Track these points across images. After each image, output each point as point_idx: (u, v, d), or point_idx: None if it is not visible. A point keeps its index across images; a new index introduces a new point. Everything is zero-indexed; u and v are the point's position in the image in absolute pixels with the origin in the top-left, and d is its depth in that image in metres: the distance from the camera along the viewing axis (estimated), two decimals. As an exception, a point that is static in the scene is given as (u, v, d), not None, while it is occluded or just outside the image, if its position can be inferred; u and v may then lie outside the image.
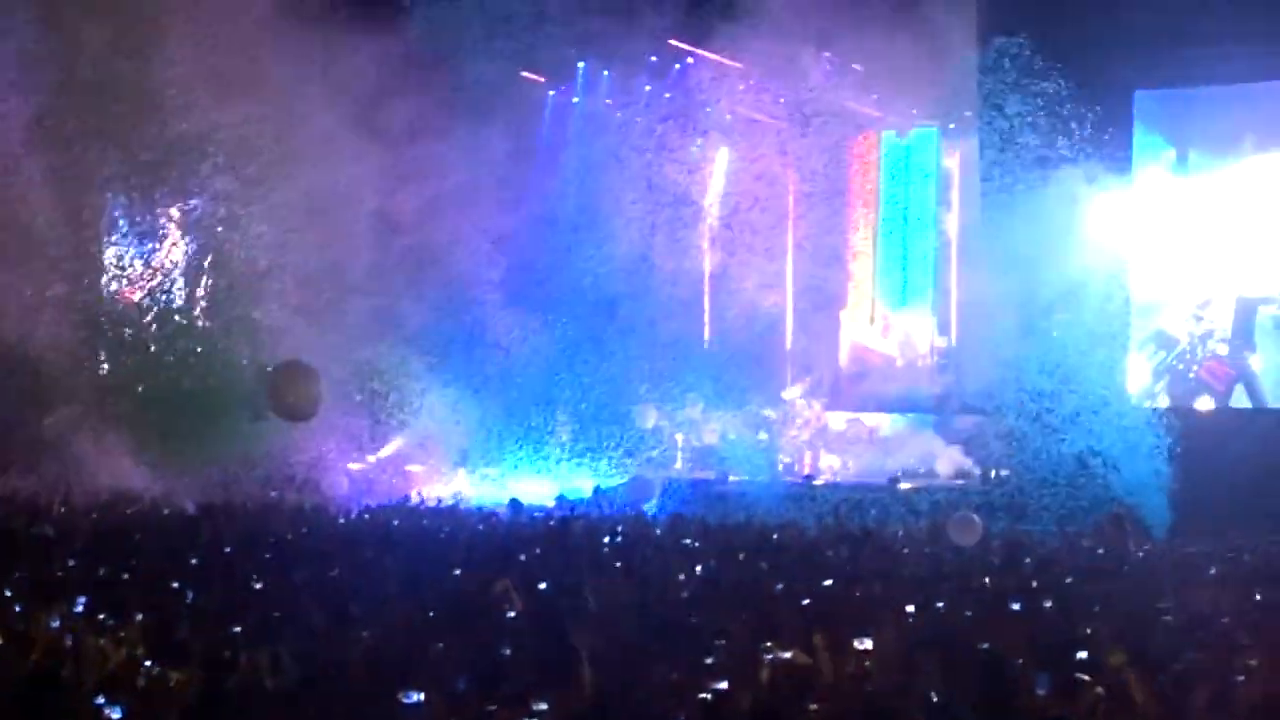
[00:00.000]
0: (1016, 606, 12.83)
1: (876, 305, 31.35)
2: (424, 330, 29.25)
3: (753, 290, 29.78)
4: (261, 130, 27.26)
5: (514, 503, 24.71)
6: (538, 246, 29.80)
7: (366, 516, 22.79)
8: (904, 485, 27.54)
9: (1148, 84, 26.00)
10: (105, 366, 28.75)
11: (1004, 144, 26.41)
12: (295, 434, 28.54)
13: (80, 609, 12.09)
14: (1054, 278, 25.64)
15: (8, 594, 12.74)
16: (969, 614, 12.69)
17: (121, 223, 28.17)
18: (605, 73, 30.82)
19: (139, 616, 11.76)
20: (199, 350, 28.21)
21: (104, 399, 28.00)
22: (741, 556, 16.78)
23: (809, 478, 28.65)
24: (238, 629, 11.22)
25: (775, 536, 19.25)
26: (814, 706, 9.48)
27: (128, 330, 28.32)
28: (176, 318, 28.41)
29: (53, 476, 24.16)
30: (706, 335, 31.28)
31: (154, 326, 28.42)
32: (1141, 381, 26.26)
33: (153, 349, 28.64)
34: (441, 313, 29.74)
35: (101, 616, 11.86)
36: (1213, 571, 16.47)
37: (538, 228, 29.76)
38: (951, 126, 30.49)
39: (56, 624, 11.40)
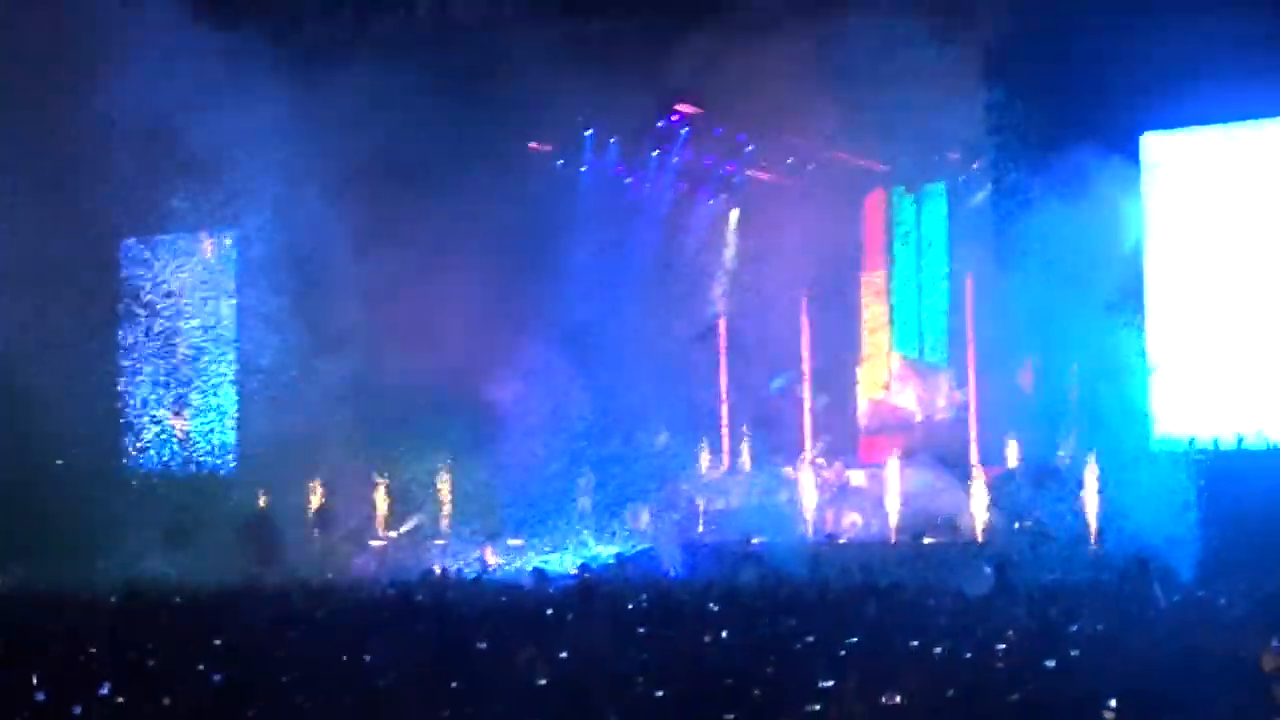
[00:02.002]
0: (1050, 663, 12.73)
1: (893, 360, 31.32)
2: (442, 404, 29.31)
3: (768, 349, 29.80)
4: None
5: (537, 572, 24.64)
6: (550, 315, 29.79)
7: (390, 592, 22.73)
8: (927, 540, 27.41)
9: (1156, 125, 25.96)
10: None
11: (1014, 193, 26.45)
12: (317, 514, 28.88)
13: (105, 693, 12.05)
14: (1070, 326, 25.58)
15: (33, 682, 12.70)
16: (999, 665, 12.62)
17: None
18: (612, 140, 30.87)
19: (165, 701, 11.73)
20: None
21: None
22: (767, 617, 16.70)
23: (832, 536, 28.51)
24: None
25: (800, 595, 19.17)
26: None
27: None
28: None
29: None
30: (724, 397, 31.19)
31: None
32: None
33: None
34: (457, 386, 29.81)
35: (124, 701, 11.83)
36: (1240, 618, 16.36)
37: (549, 299, 29.76)
38: (962, 179, 30.52)
39: (79, 711, 11.37)
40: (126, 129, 27.47)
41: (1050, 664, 12.70)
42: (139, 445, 31.13)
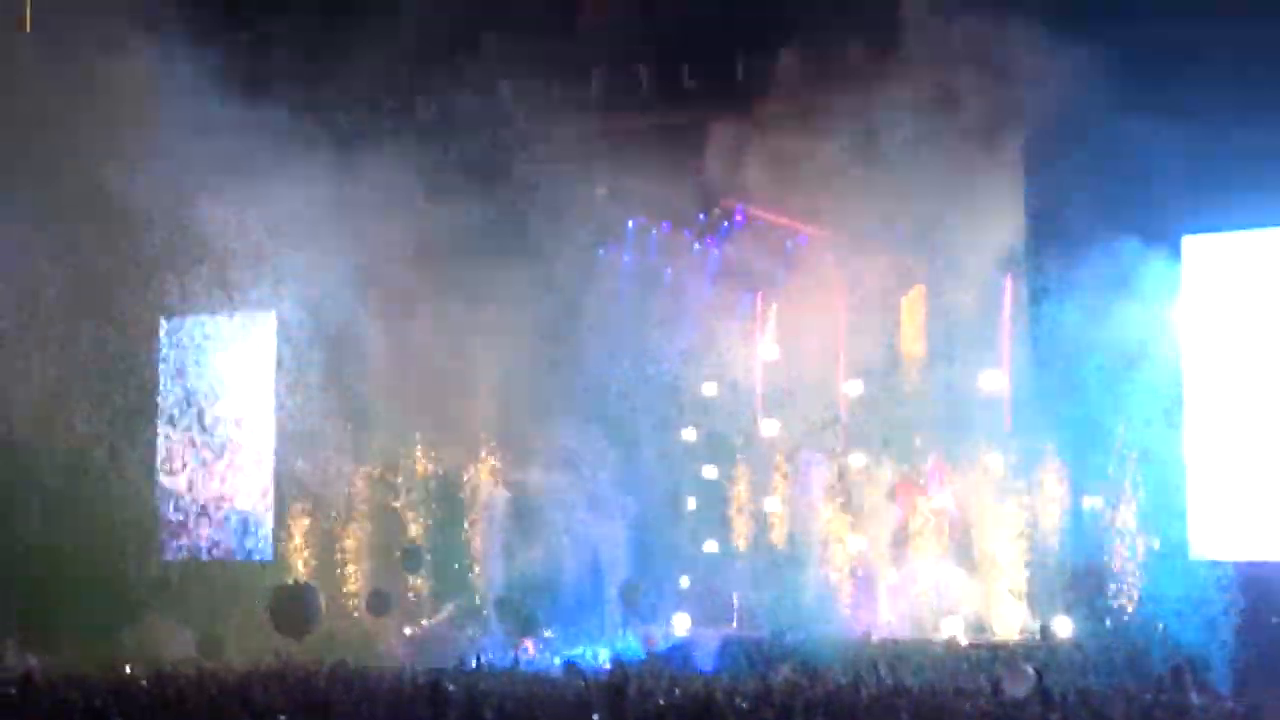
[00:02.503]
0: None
1: (932, 458, 31.15)
2: (478, 491, 29.41)
3: (808, 444, 29.76)
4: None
5: (569, 664, 24.55)
6: (585, 404, 29.81)
7: (422, 679, 22.65)
8: (963, 640, 27.24)
9: (1194, 229, 25.91)
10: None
11: (1053, 294, 26.46)
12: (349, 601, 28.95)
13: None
14: (1108, 430, 25.53)
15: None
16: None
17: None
18: (654, 231, 30.98)
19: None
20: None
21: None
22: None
23: (865, 633, 28.31)
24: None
25: (834, 694, 19.03)
26: None
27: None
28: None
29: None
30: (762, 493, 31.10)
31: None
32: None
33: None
34: (494, 474, 29.91)
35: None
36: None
37: (585, 388, 29.79)
38: (1002, 280, 30.46)
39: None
40: (169, 213, 27.84)
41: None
42: (176, 530, 31.26)
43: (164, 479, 31.36)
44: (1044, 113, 25.75)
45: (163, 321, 31.31)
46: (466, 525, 29.76)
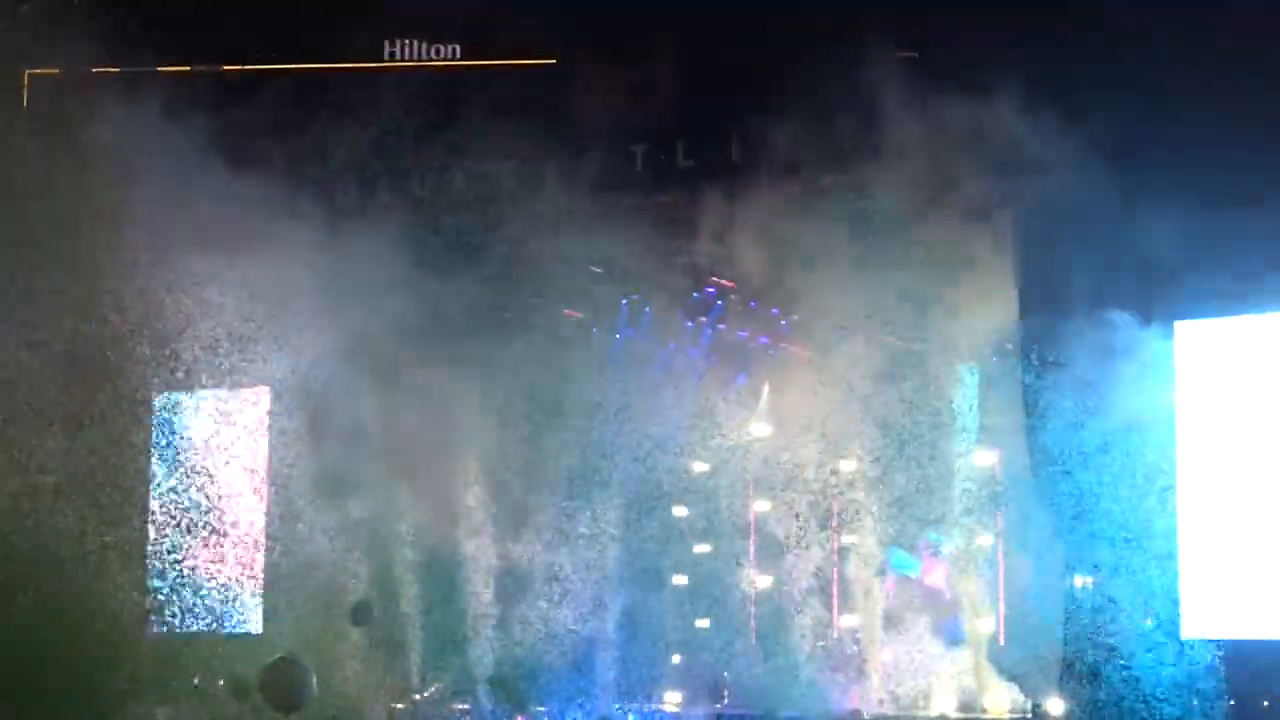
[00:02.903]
0: None
1: (922, 538, 31.29)
2: (470, 565, 29.38)
3: (798, 524, 29.87)
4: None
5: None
6: (577, 480, 29.85)
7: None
8: (954, 718, 27.29)
9: (1190, 314, 26.12)
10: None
11: (1044, 380, 26.61)
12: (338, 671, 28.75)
13: None
14: (1101, 515, 25.67)
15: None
16: None
17: None
18: (646, 309, 31.13)
19: None
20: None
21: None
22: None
23: (856, 712, 28.36)
24: None
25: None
26: None
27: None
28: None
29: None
30: (753, 571, 31.16)
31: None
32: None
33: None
34: (485, 549, 29.89)
35: None
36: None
37: (577, 464, 29.83)
38: (994, 359, 30.66)
39: None
40: (161, 285, 27.83)
41: None
42: (164, 607, 31.12)
43: (152, 553, 31.22)
44: (1036, 194, 25.92)
45: (155, 397, 31.29)
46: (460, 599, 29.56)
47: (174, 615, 30.35)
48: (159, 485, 30.81)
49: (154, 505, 30.81)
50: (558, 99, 29.98)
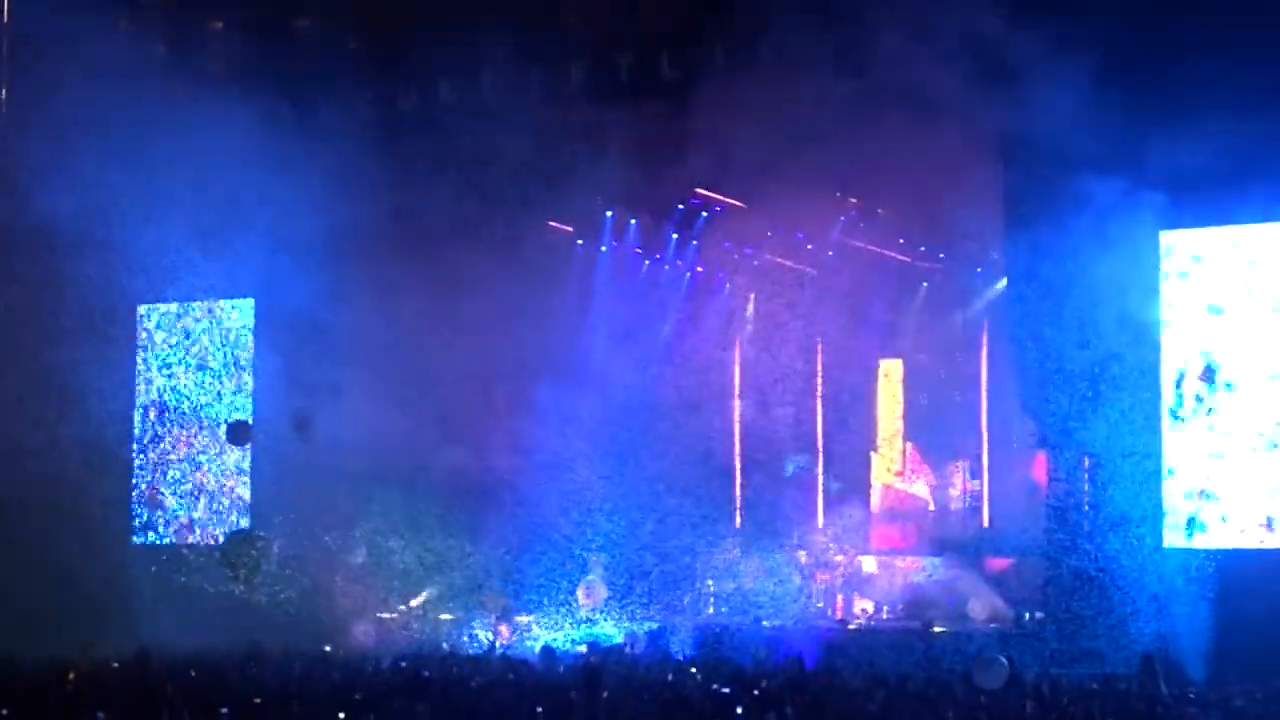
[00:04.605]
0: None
1: (907, 448, 31.37)
2: (455, 476, 29.41)
3: (784, 436, 29.91)
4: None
5: (546, 650, 24.65)
6: (562, 393, 29.80)
7: (403, 665, 22.70)
8: (938, 629, 27.37)
9: (1174, 224, 25.96)
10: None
11: (1030, 286, 26.53)
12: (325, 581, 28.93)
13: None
14: (1085, 420, 25.61)
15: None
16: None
17: None
18: (632, 221, 31.05)
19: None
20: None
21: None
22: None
23: (842, 621, 28.49)
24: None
25: (808, 682, 19.14)
26: None
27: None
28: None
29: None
30: (738, 480, 31.20)
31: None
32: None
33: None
34: (471, 460, 29.90)
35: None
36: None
37: (562, 377, 29.76)
38: (979, 270, 30.64)
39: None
40: (147, 194, 27.81)
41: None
42: (151, 514, 31.35)
43: (137, 462, 31.44)
44: (1024, 110, 25.73)
45: (140, 309, 31.43)
46: (445, 510, 29.60)
47: (158, 518, 30.63)
48: (147, 390, 31.10)
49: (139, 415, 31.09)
50: (544, 9, 29.81)
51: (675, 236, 31.01)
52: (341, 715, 14.85)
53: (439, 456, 29.47)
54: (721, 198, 29.93)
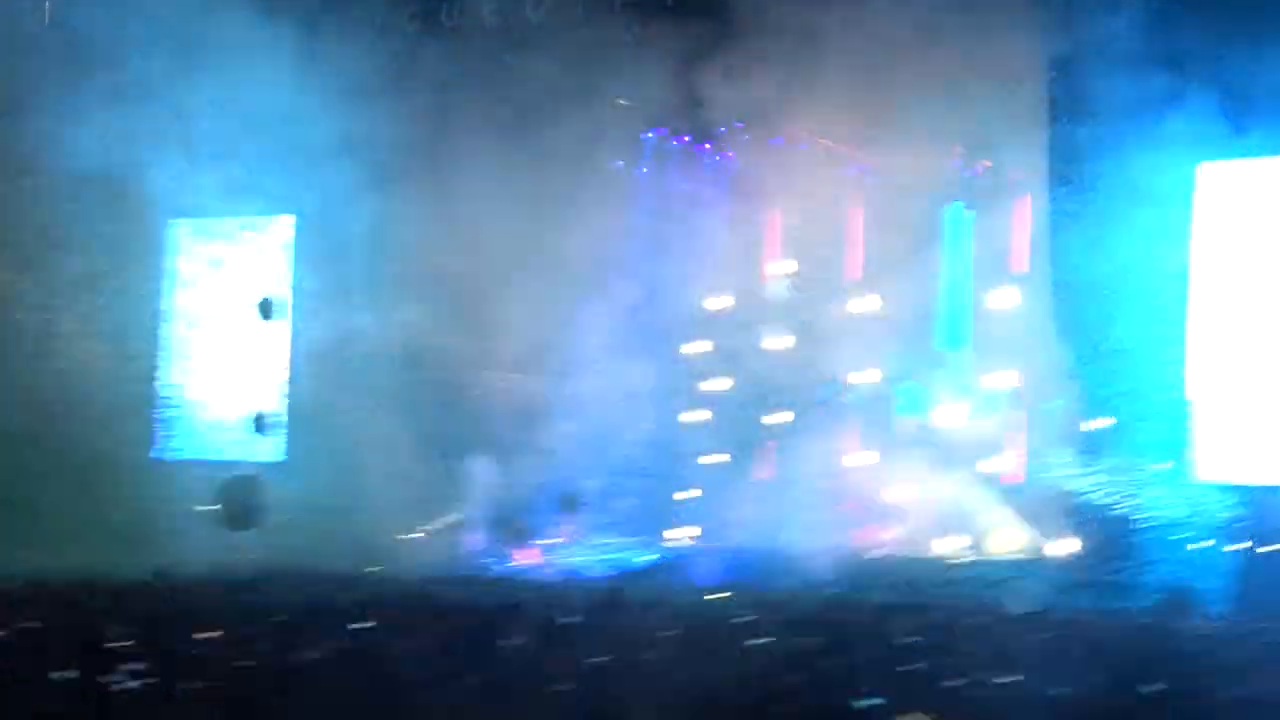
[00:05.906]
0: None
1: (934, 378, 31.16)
2: (477, 400, 29.38)
3: (810, 355, 29.88)
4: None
5: (569, 572, 24.74)
6: (595, 313, 29.65)
7: (426, 586, 22.77)
8: (961, 558, 27.37)
9: (1211, 156, 25.70)
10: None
11: (1062, 217, 26.39)
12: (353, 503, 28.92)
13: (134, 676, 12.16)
14: (1113, 352, 25.49)
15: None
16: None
17: None
18: (671, 144, 30.92)
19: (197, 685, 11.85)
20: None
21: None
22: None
23: (867, 549, 28.47)
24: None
25: (833, 608, 19.17)
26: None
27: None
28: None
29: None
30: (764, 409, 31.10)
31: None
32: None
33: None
34: (502, 379, 29.88)
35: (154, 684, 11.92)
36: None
37: (594, 293, 29.57)
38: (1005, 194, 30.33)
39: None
40: (182, 110, 27.70)
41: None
42: (179, 433, 31.37)
43: (166, 377, 31.48)
44: (1066, 30, 25.46)
45: (170, 222, 31.41)
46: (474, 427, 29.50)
47: (186, 437, 30.67)
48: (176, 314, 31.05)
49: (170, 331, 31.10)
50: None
51: (716, 158, 30.91)
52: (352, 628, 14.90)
53: (480, 376, 29.48)
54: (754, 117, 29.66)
